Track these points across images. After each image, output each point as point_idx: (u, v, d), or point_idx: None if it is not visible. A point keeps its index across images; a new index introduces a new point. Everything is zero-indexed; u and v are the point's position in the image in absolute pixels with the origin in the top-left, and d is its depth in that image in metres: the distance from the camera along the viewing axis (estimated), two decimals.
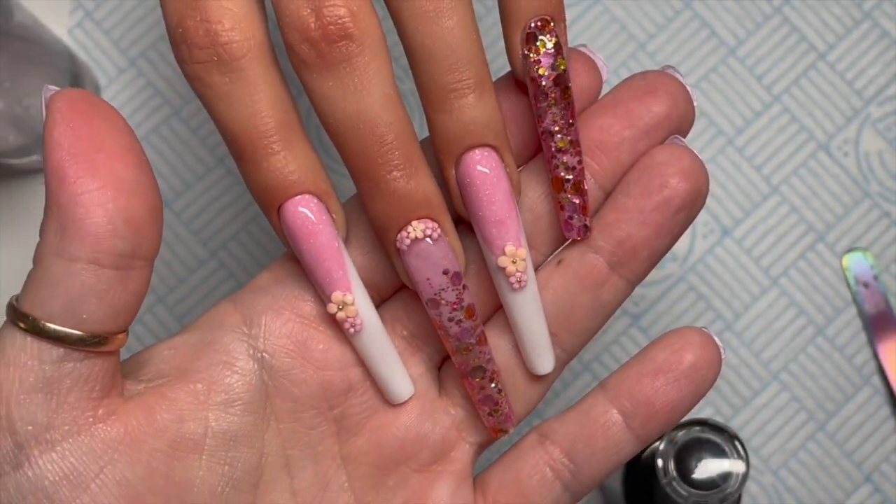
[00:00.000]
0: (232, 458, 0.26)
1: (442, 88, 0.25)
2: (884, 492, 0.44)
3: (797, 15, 0.47)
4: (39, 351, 0.23)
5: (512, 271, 0.26)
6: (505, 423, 0.28)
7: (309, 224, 0.25)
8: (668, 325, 0.45)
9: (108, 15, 0.47)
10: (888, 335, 0.45)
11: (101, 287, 0.23)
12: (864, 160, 0.46)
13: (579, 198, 0.27)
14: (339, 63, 0.24)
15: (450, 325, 0.26)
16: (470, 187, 0.26)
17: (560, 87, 0.26)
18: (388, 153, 0.24)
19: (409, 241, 0.25)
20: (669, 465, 0.35)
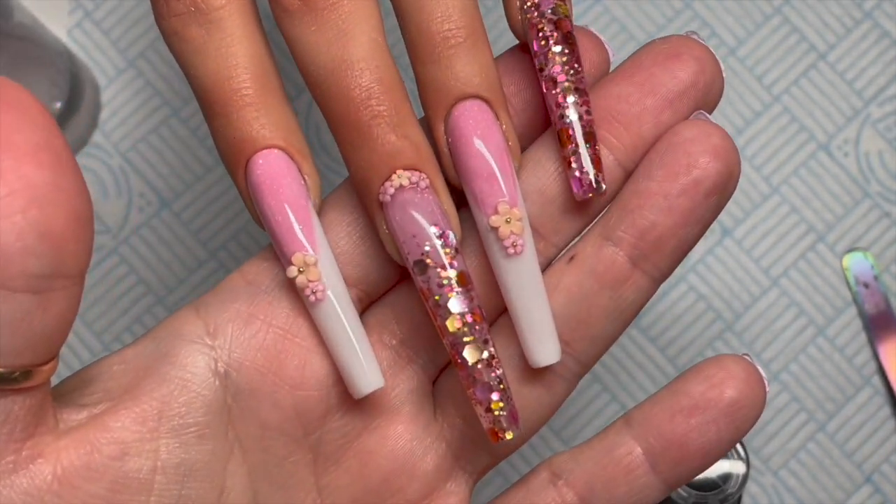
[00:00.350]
0: (186, 497, 0.22)
1: (431, 38, 0.22)
2: (884, 492, 0.44)
3: (797, 15, 0.47)
4: None
5: (505, 233, 0.23)
6: (507, 422, 0.23)
7: (274, 178, 0.22)
8: (668, 325, 0.45)
9: (108, 15, 0.47)
10: (888, 335, 0.45)
11: (15, 316, 0.19)
12: (864, 160, 0.46)
13: (590, 150, 0.23)
14: (322, 8, 0.22)
15: (439, 292, 0.22)
16: (459, 139, 0.23)
17: (562, 32, 0.23)
18: (372, 99, 0.22)
19: (393, 191, 0.22)
20: None
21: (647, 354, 0.45)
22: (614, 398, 0.44)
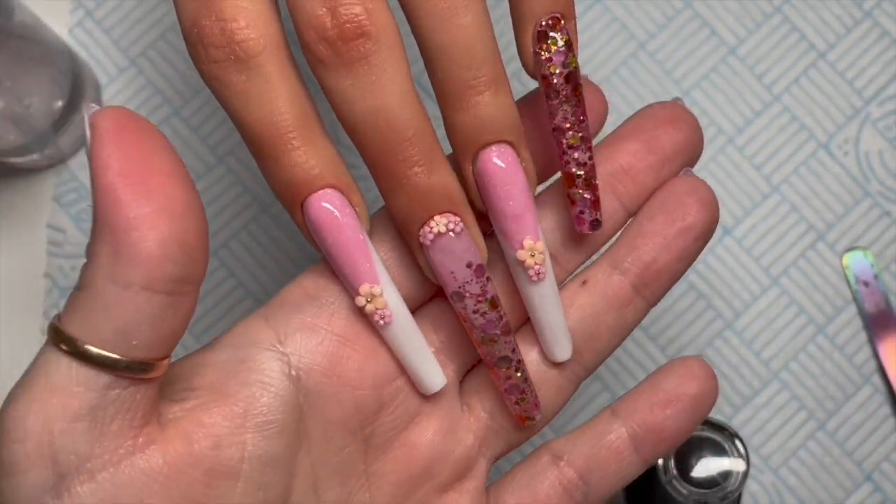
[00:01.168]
0: (266, 483, 0.25)
1: (458, 86, 0.25)
2: (884, 491, 0.44)
3: (797, 14, 0.47)
4: (86, 377, 0.22)
5: (531, 264, 0.27)
6: (532, 410, 0.28)
7: (333, 218, 0.25)
8: (669, 324, 0.45)
9: (109, 14, 0.47)
10: (888, 334, 0.45)
11: (154, 313, 0.22)
12: (864, 159, 0.46)
13: (590, 193, 0.27)
14: (356, 61, 0.24)
15: (475, 316, 0.27)
16: (488, 183, 0.26)
17: (571, 85, 0.26)
18: (407, 149, 0.25)
19: (433, 236, 0.26)
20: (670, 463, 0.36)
21: (647, 353, 0.45)
22: (614, 397, 0.44)
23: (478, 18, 0.25)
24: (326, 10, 0.24)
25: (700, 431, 0.36)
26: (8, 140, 0.42)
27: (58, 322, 0.23)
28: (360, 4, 0.24)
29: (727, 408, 0.44)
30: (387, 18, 0.24)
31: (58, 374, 0.22)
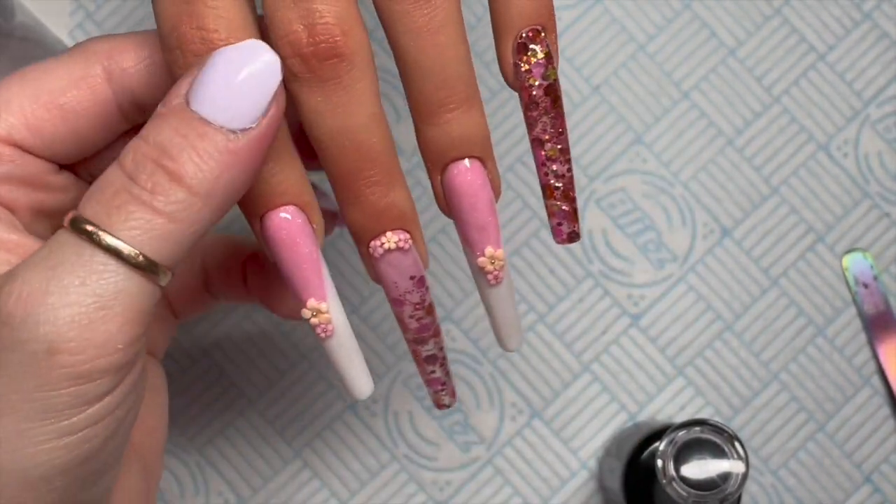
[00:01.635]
0: None
1: (432, 103, 0.26)
2: (883, 492, 0.44)
3: (797, 16, 0.47)
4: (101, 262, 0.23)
5: (490, 270, 0.28)
6: (449, 399, 0.31)
7: (290, 235, 0.26)
8: (668, 325, 0.45)
9: (109, 16, 0.47)
10: (888, 336, 0.45)
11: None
12: (863, 161, 0.46)
13: (568, 205, 0.28)
14: (328, 80, 0.24)
15: (410, 321, 0.28)
16: (455, 196, 0.27)
17: (550, 97, 0.27)
18: (369, 169, 0.26)
19: (382, 251, 0.27)
20: (669, 465, 0.36)
21: (646, 354, 0.45)
22: (614, 398, 0.45)
23: (454, 37, 0.25)
24: (304, 26, 0.24)
25: (699, 433, 0.36)
26: None
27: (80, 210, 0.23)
28: (336, 24, 0.24)
29: (727, 409, 0.44)
30: (361, 39, 0.25)
31: (66, 254, 0.23)
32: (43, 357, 0.22)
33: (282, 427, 0.44)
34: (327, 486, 0.44)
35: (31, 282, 0.23)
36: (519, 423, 0.44)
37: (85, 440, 0.24)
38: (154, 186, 0.23)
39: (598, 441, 0.44)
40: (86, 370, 0.23)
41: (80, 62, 0.27)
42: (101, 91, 0.27)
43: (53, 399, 0.23)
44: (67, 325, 0.22)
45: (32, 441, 0.23)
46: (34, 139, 0.26)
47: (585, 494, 0.44)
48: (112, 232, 0.23)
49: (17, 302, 0.23)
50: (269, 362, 0.45)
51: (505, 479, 0.44)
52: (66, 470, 0.24)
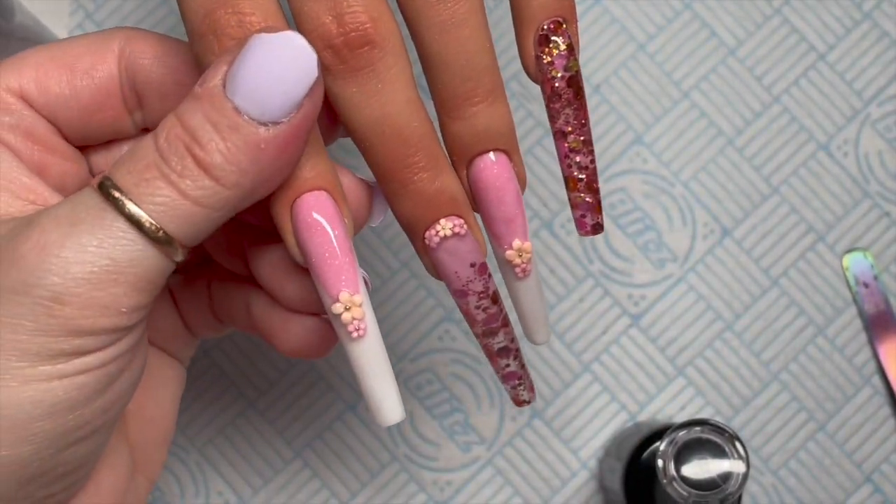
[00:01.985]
0: None
1: (456, 97, 0.25)
2: (884, 492, 0.44)
3: (797, 15, 0.47)
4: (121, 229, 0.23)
5: (518, 263, 0.28)
6: (528, 394, 0.29)
7: (326, 218, 0.25)
8: (669, 324, 0.45)
9: (109, 16, 0.47)
10: (888, 335, 0.45)
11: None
12: (863, 160, 0.46)
13: (592, 197, 0.28)
14: (361, 69, 0.24)
15: (477, 312, 0.27)
16: (481, 189, 0.27)
17: (573, 89, 0.27)
18: (413, 155, 0.25)
19: (439, 240, 0.26)
20: (670, 465, 0.36)
21: (647, 354, 0.45)
22: (614, 398, 0.44)
23: (477, 30, 0.25)
24: (332, 17, 0.24)
25: (700, 433, 0.36)
26: None
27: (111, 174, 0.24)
28: (365, 13, 0.24)
29: (727, 409, 0.44)
30: (392, 26, 0.24)
31: (89, 214, 0.23)
32: (47, 305, 0.23)
33: (282, 427, 0.44)
34: (327, 486, 0.44)
35: (49, 232, 0.23)
36: (519, 423, 0.44)
37: (74, 386, 0.24)
38: (183, 170, 0.23)
39: (599, 441, 0.44)
40: (87, 326, 0.23)
41: (101, 37, 0.27)
42: (110, 65, 0.27)
43: (49, 344, 0.23)
44: (76, 282, 0.23)
45: (21, 378, 0.23)
46: (40, 96, 0.26)
47: (586, 494, 0.44)
48: (137, 203, 0.23)
49: (32, 248, 0.23)
50: (270, 362, 0.45)
51: (505, 479, 0.44)
52: (51, 413, 0.23)
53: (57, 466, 0.25)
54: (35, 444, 0.24)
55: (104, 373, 0.24)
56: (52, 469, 0.24)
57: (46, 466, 0.24)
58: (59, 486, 0.25)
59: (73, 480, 0.26)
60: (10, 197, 0.25)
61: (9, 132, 0.26)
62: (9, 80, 0.26)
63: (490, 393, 0.44)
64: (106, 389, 0.25)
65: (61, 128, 0.27)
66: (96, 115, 0.27)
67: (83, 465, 0.26)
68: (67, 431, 0.24)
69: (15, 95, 0.26)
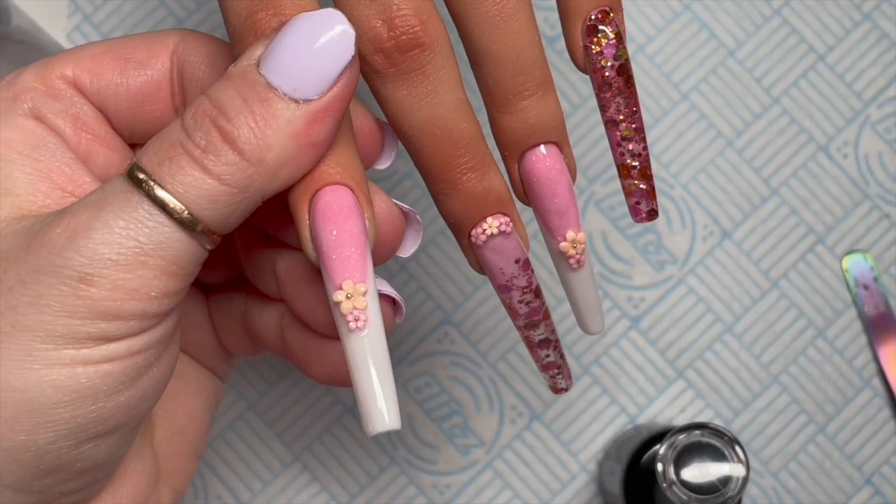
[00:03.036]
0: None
1: (507, 91, 0.26)
2: (884, 494, 0.44)
3: (796, 17, 0.47)
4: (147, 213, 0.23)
5: (572, 254, 0.28)
6: (566, 382, 0.30)
7: (341, 209, 0.24)
8: (668, 327, 0.45)
9: (107, 18, 0.46)
10: (888, 337, 0.45)
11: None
12: (863, 162, 0.46)
13: (646, 183, 0.28)
14: (412, 71, 0.25)
15: (520, 306, 0.28)
16: (534, 183, 0.27)
17: (623, 77, 0.27)
18: (462, 156, 0.26)
19: (485, 238, 0.27)
20: (669, 469, 0.35)
21: (646, 357, 0.45)
22: (614, 401, 0.44)
23: (526, 24, 0.25)
24: (382, 21, 0.24)
25: (700, 437, 0.36)
26: None
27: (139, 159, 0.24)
28: (415, 15, 0.24)
29: (727, 411, 0.44)
30: (440, 27, 0.25)
31: (117, 197, 0.23)
32: (73, 286, 0.23)
33: (281, 430, 0.44)
34: (326, 489, 0.44)
35: (78, 216, 0.23)
36: (519, 426, 0.44)
37: (99, 375, 0.23)
38: (207, 145, 0.23)
39: (598, 444, 0.44)
40: (114, 308, 0.23)
41: (157, 34, 0.27)
42: (163, 60, 0.27)
43: (75, 327, 0.23)
44: (103, 263, 0.23)
45: (45, 361, 0.23)
46: (92, 83, 0.27)
47: (585, 497, 0.44)
48: (162, 184, 0.23)
49: (62, 231, 0.23)
50: (268, 365, 0.44)
51: (505, 482, 0.44)
52: (73, 400, 0.23)
53: (75, 461, 0.24)
54: (53, 431, 0.23)
55: (131, 364, 0.24)
56: (69, 463, 0.24)
57: (64, 459, 0.24)
58: (75, 483, 0.25)
59: (91, 480, 0.25)
60: (48, 186, 0.25)
61: (58, 117, 0.26)
62: (64, 68, 0.26)
63: (489, 396, 0.44)
64: (131, 383, 0.24)
65: (110, 117, 0.27)
66: (145, 106, 0.27)
67: (103, 464, 0.25)
68: (88, 423, 0.24)
69: (68, 83, 0.26)
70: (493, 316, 0.45)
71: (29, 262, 0.23)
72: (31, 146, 0.25)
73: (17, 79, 0.27)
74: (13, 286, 0.23)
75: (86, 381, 0.23)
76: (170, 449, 0.30)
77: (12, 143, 0.25)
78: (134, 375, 0.24)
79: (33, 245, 0.23)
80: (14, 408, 0.23)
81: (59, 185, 0.25)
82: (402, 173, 0.45)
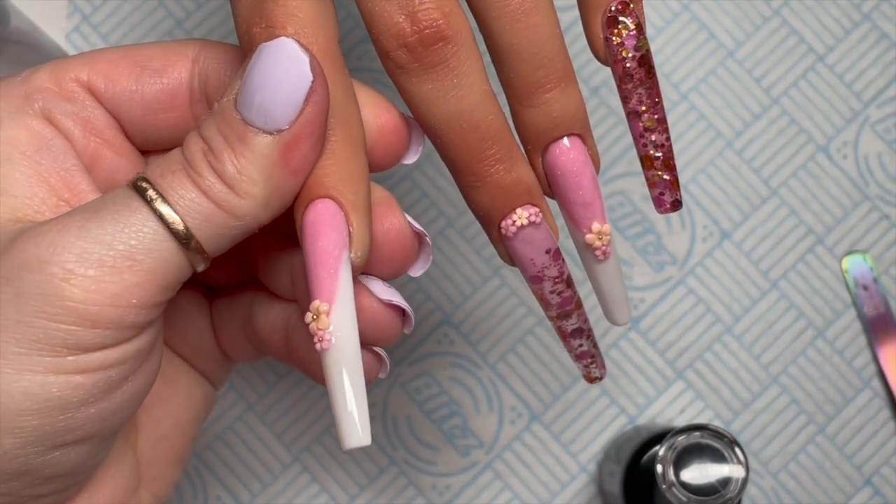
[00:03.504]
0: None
1: (529, 85, 0.26)
2: (884, 495, 0.44)
3: (796, 17, 0.47)
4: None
5: (598, 245, 0.28)
6: (599, 370, 0.30)
7: (316, 227, 0.25)
8: (668, 328, 0.45)
9: (106, 19, 0.46)
10: (888, 338, 0.45)
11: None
12: (863, 162, 0.46)
13: (669, 174, 0.28)
14: (436, 65, 0.25)
15: (552, 296, 0.28)
16: (558, 175, 0.27)
17: (644, 68, 0.27)
18: (489, 148, 0.26)
19: (515, 229, 0.27)
20: (669, 470, 0.35)
21: (646, 357, 0.45)
22: (613, 402, 0.44)
23: (546, 17, 0.25)
24: (405, 16, 0.24)
25: (699, 438, 0.36)
26: None
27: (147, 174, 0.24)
28: (437, 9, 0.24)
29: (726, 412, 0.44)
30: (463, 20, 0.25)
31: (116, 202, 0.23)
32: (57, 284, 0.23)
33: (280, 431, 0.44)
34: (326, 490, 0.44)
35: (73, 215, 0.23)
36: (518, 426, 0.44)
37: (69, 385, 0.23)
38: (203, 175, 0.24)
39: (598, 445, 0.44)
40: (92, 313, 0.23)
41: (176, 43, 0.28)
42: (181, 70, 0.27)
43: (51, 331, 0.23)
44: (89, 262, 0.23)
45: (17, 365, 0.23)
46: (107, 88, 0.27)
47: (585, 498, 0.44)
48: (164, 195, 0.23)
49: (53, 226, 0.23)
50: (268, 366, 0.44)
51: (504, 482, 0.44)
52: (41, 409, 0.23)
53: (43, 468, 0.24)
54: (20, 437, 0.23)
55: (103, 377, 0.24)
56: (37, 469, 0.24)
57: (32, 464, 0.24)
58: (45, 488, 0.25)
59: (62, 486, 0.25)
60: (45, 192, 0.25)
61: (68, 119, 0.26)
62: (79, 71, 0.27)
63: (489, 396, 0.44)
64: (103, 396, 0.24)
65: (123, 123, 0.27)
66: (160, 114, 0.27)
67: (74, 471, 0.25)
68: (56, 433, 0.23)
69: (82, 86, 0.27)
70: (493, 317, 0.45)
71: (16, 257, 0.23)
72: (34, 147, 0.25)
73: (31, 77, 0.27)
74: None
75: (56, 391, 0.23)
76: (153, 455, 0.30)
77: (17, 143, 0.25)
78: (106, 389, 0.24)
79: (20, 240, 0.23)
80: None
81: (57, 191, 0.25)
82: (401, 174, 0.45)
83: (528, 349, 0.45)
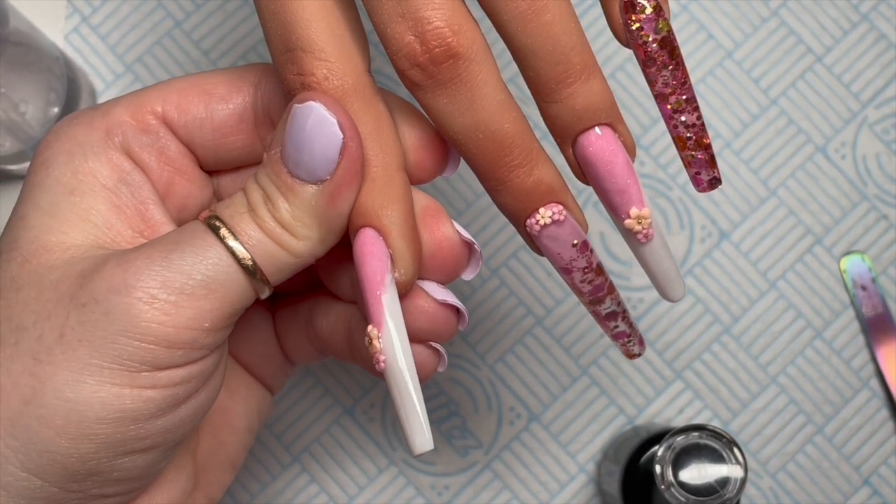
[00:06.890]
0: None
1: (549, 81, 0.26)
2: (882, 495, 0.44)
3: (794, 18, 0.47)
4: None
5: (638, 230, 0.28)
6: (638, 347, 0.31)
7: (360, 254, 0.27)
8: (666, 328, 0.45)
9: (105, 20, 0.46)
10: (886, 338, 0.45)
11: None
12: (861, 163, 0.46)
13: (703, 153, 0.28)
14: (449, 81, 0.25)
15: (583, 285, 0.28)
16: (590, 165, 0.27)
17: (667, 50, 0.27)
18: (508, 154, 0.26)
19: (539, 228, 0.27)
20: (667, 470, 0.35)
21: (645, 358, 0.45)
22: (612, 402, 0.44)
23: (559, 12, 0.25)
24: (415, 36, 0.25)
25: (698, 439, 0.36)
26: (3, 147, 0.42)
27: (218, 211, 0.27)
28: (446, 26, 0.25)
29: (725, 412, 0.44)
30: (473, 32, 0.25)
31: (193, 236, 0.26)
32: (140, 306, 0.25)
33: (280, 432, 0.44)
34: (325, 490, 0.44)
35: (156, 246, 0.26)
36: (517, 427, 0.44)
37: (141, 399, 0.26)
38: (265, 219, 0.26)
39: (597, 445, 0.44)
40: (171, 334, 0.25)
41: (239, 69, 0.29)
42: (245, 95, 0.29)
43: (131, 349, 0.25)
44: (171, 289, 0.25)
45: (97, 379, 0.25)
46: (180, 118, 0.29)
47: (584, 498, 0.44)
48: (234, 232, 0.26)
49: (139, 256, 0.26)
50: None
51: (503, 483, 0.44)
52: (115, 419, 0.25)
53: (112, 471, 0.26)
54: (95, 443, 0.25)
55: (171, 393, 0.26)
56: (107, 472, 0.26)
57: (103, 468, 0.26)
58: (112, 489, 0.27)
59: (128, 488, 0.27)
60: (122, 224, 0.27)
61: (145, 151, 0.28)
62: (154, 103, 0.29)
63: (488, 397, 0.44)
64: (170, 410, 0.26)
65: (195, 149, 0.29)
66: (228, 137, 0.29)
67: (140, 476, 0.27)
68: (126, 441, 0.26)
69: (157, 118, 0.29)
70: (492, 317, 0.45)
71: (104, 280, 0.25)
72: (114, 180, 0.28)
73: (110, 110, 0.28)
74: (87, 303, 0.25)
75: (130, 403, 0.25)
76: (210, 461, 0.32)
77: (100, 176, 0.27)
78: (173, 404, 0.26)
79: (107, 265, 0.26)
80: (64, 417, 0.25)
81: (131, 223, 0.28)
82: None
83: (526, 350, 0.45)
